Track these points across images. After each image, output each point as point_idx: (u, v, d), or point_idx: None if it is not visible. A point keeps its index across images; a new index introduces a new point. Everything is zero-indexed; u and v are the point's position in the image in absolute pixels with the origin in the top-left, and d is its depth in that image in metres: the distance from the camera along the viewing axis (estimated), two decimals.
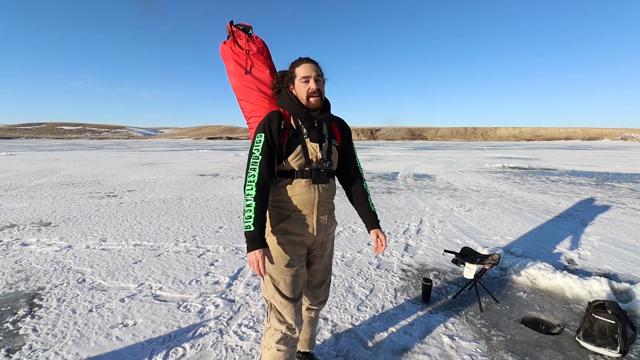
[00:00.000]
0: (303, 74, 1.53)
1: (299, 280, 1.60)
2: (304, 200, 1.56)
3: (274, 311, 1.58)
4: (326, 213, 1.66)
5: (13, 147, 37.37)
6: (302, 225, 1.58)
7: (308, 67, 1.53)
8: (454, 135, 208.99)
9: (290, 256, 1.56)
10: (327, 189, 1.64)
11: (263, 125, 1.54)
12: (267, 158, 1.49)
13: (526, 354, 2.09)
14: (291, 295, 1.57)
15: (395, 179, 10.41)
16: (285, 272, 1.55)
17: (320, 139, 1.59)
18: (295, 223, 1.58)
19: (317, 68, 1.55)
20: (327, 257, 1.78)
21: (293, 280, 1.57)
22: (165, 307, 2.60)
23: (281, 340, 1.57)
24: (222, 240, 4.19)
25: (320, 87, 1.54)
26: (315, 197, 1.58)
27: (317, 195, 1.58)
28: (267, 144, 1.50)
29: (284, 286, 1.56)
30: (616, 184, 9.45)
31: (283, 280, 1.55)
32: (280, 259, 1.55)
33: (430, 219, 5.34)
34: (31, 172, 11.22)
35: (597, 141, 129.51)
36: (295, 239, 1.58)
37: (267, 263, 1.53)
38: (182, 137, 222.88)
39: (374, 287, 2.99)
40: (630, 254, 3.84)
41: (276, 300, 1.56)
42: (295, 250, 1.58)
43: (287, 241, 1.56)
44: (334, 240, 1.85)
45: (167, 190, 7.96)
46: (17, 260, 3.47)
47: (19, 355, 2.01)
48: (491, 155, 25.10)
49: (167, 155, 22.73)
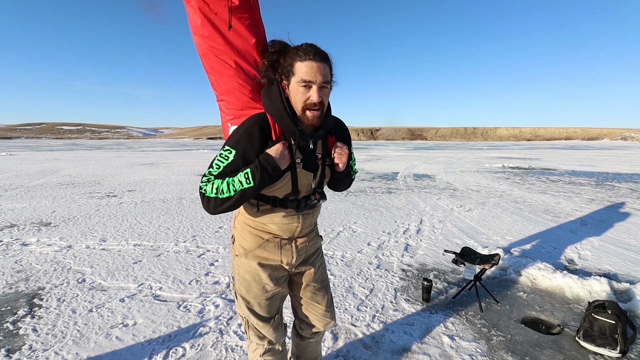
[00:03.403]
0: (304, 75, 1.12)
1: (276, 300, 1.45)
2: (284, 228, 1.33)
3: (251, 329, 1.46)
4: (307, 235, 1.43)
5: (13, 147, 37.37)
6: (279, 250, 1.36)
7: (314, 67, 1.12)
8: (454, 135, 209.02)
9: (264, 282, 1.38)
10: (312, 215, 1.39)
11: (237, 140, 1.17)
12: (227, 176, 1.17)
13: (526, 354, 2.09)
14: (267, 315, 1.43)
15: (395, 179, 10.41)
16: (259, 297, 1.39)
17: (314, 166, 1.30)
18: (271, 248, 1.35)
19: (325, 70, 1.14)
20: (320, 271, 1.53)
21: (268, 303, 1.42)
22: (165, 307, 2.60)
23: (265, 353, 1.48)
24: (222, 240, 4.19)
25: (324, 99, 1.17)
26: (297, 226, 1.35)
27: (300, 224, 1.35)
28: (235, 164, 1.17)
29: (258, 308, 1.41)
30: (616, 184, 9.45)
31: (257, 304, 1.41)
32: (254, 284, 1.38)
33: (430, 219, 5.34)
34: (31, 172, 11.22)
35: (597, 141, 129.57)
36: (271, 265, 1.38)
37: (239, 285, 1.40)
38: (182, 137, 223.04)
39: (374, 287, 2.99)
40: (630, 254, 3.84)
41: (252, 320, 1.43)
42: (272, 274, 1.39)
43: (262, 269, 1.37)
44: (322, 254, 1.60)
45: (167, 190, 7.95)
46: (17, 260, 3.47)
47: (19, 355, 2.01)
48: (491, 155, 25.10)
49: (167, 155, 22.73)
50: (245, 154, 1.16)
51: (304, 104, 1.15)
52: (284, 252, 1.37)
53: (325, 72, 1.15)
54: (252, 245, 1.36)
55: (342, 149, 1.33)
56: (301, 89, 1.14)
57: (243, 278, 1.39)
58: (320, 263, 1.55)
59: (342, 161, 1.33)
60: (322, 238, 1.56)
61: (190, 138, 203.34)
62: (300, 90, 1.14)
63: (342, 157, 1.33)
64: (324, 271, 1.57)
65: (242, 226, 1.39)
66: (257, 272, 1.37)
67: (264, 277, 1.37)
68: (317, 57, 1.13)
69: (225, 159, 1.17)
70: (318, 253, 1.54)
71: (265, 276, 1.37)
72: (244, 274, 1.39)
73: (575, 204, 6.58)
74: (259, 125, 1.19)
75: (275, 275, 1.40)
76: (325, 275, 1.57)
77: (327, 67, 1.16)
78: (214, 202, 1.15)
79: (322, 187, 1.36)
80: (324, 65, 1.14)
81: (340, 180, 1.41)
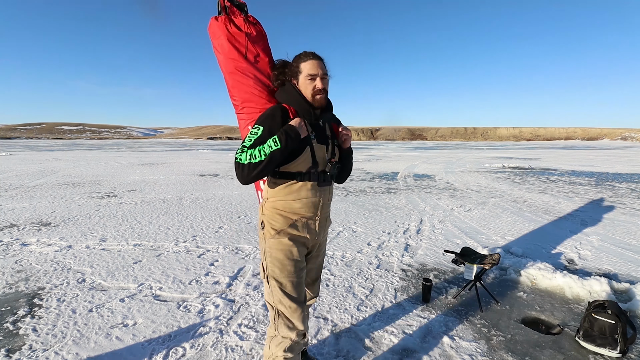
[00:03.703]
0: (310, 70, 1.47)
1: (303, 281, 1.59)
2: (309, 204, 1.53)
3: (282, 318, 1.53)
4: (327, 215, 1.65)
5: (13, 147, 37.38)
6: (306, 228, 1.56)
7: (315, 64, 1.47)
8: (454, 135, 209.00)
9: (296, 256, 1.53)
10: (329, 191, 1.62)
11: (264, 119, 1.46)
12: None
13: (526, 354, 2.09)
14: (299, 297, 1.55)
15: (395, 179, 10.41)
16: (292, 275, 1.53)
17: (325, 141, 1.56)
18: (300, 226, 1.55)
19: (323, 66, 1.50)
20: (322, 256, 1.79)
21: (299, 282, 1.55)
22: (165, 307, 2.60)
23: (289, 348, 1.53)
24: (222, 240, 4.19)
25: (326, 86, 1.51)
26: (320, 201, 1.55)
27: (321, 199, 1.56)
28: (263, 137, 1.41)
29: (291, 289, 1.52)
30: (616, 184, 9.45)
31: (290, 283, 1.52)
32: (287, 262, 1.51)
33: (430, 219, 5.34)
34: (31, 172, 11.22)
35: (597, 141, 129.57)
36: (300, 240, 1.56)
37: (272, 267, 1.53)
38: (182, 137, 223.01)
39: (374, 287, 2.99)
40: (630, 254, 3.84)
41: (284, 304, 1.51)
42: (300, 249, 1.56)
43: (293, 243, 1.53)
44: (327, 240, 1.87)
45: (167, 190, 7.95)
46: (17, 260, 3.47)
47: (19, 355, 2.01)
48: (491, 155, 25.10)
49: (167, 155, 22.73)
50: (272, 129, 1.41)
51: (313, 91, 1.48)
52: (310, 230, 1.58)
53: (324, 66, 1.51)
54: (284, 225, 1.53)
55: (347, 129, 1.65)
56: (308, 81, 1.48)
57: (276, 258, 1.52)
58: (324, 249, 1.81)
59: (348, 139, 1.64)
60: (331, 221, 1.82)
61: (190, 138, 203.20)
62: (308, 82, 1.48)
63: (348, 137, 1.64)
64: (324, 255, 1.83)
65: (270, 211, 1.55)
66: (289, 247, 1.52)
67: (295, 252, 1.53)
68: (316, 56, 1.50)
69: (255, 135, 1.41)
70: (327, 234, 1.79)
71: (296, 250, 1.53)
72: (277, 253, 1.52)
73: (575, 204, 6.58)
74: (280, 108, 1.48)
75: (303, 251, 1.58)
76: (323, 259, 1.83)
77: (324, 64, 1.52)
78: (248, 168, 1.35)
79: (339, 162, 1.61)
80: (322, 62, 1.51)
81: (346, 158, 1.67)
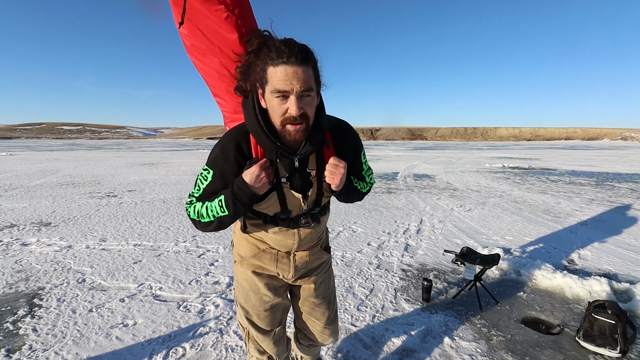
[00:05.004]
0: (278, 84, 0.89)
1: (276, 312, 1.36)
2: (278, 243, 1.22)
3: (252, 341, 1.40)
4: (310, 249, 1.28)
5: (13, 147, 37.37)
6: (274, 263, 1.25)
7: (289, 73, 0.88)
8: (454, 135, 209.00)
9: (262, 292, 1.29)
10: (313, 230, 1.24)
11: (213, 159, 1.06)
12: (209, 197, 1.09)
13: (526, 354, 2.09)
14: (268, 327, 1.36)
15: (395, 179, 10.41)
16: (257, 308, 1.32)
17: (304, 186, 1.11)
18: (266, 259, 1.25)
19: (305, 74, 0.90)
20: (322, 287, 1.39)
21: (267, 314, 1.34)
22: (165, 307, 2.60)
23: None
24: (222, 241, 4.19)
25: (306, 110, 0.93)
26: (294, 242, 1.21)
27: (296, 240, 1.21)
28: (213, 185, 1.07)
29: (257, 320, 1.34)
30: (616, 184, 9.45)
31: (256, 315, 1.33)
32: (252, 293, 1.29)
33: (430, 219, 5.34)
34: (31, 172, 11.22)
35: (597, 141, 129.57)
36: (268, 273, 1.29)
37: (237, 293, 1.33)
38: (182, 137, 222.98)
39: (374, 287, 2.99)
40: (630, 254, 3.84)
41: (252, 332, 1.37)
42: (269, 283, 1.30)
43: (258, 275, 1.28)
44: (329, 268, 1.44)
45: (167, 190, 7.95)
46: (17, 260, 3.47)
47: (19, 355, 2.01)
48: (491, 155, 25.09)
49: (167, 155, 22.72)
50: (223, 173, 1.05)
51: (283, 118, 0.93)
52: (280, 265, 1.25)
53: (306, 76, 0.90)
54: (248, 253, 1.27)
55: (337, 166, 1.06)
56: (276, 99, 0.92)
57: (241, 286, 1.32)
58: (324, 279, 1.39)
59: (335, 182, 1.07)
60: (329, 252, 1.39)
61: (190, 138, 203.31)
62: (275, 101, 0.92)
63: (335, 178, 1.07)
64: (327, 287, 1.41)
65: (238, 233, 1.30)
66: (253, 280, 1.27)
67: (261, 287, 1.28)
68: (293, 58, 0.88)
69: (205, 179, 1.07)
70: (322, 267, 1.38)
71: (262, 285, 1.27)
72: (242, 282, 1.31)
73: (575, 204, 6.58)
74: (236, 142, 1.03)
75: (273, 285, 1.30)
76: (328, 291, 1.42)
77: (309, 70, 0.91)
78: (199, 225, 1.09)
79: (320, 206, 1.18)
80: (303, 69, 0.89)
81: (342, 197, 1.19)
